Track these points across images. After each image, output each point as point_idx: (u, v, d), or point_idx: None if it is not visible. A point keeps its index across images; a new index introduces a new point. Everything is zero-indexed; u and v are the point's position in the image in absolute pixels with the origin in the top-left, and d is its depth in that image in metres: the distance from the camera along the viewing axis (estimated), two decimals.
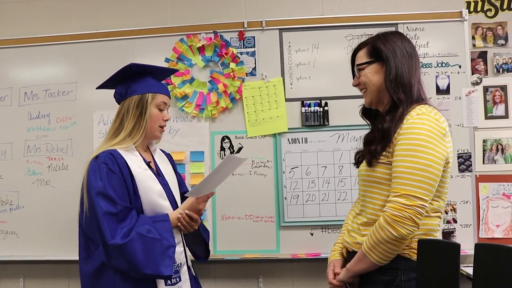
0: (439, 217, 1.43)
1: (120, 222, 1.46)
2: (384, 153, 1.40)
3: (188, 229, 1.59)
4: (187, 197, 1.62)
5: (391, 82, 1.42)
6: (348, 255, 1.52)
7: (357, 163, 1.56)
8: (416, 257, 1.34)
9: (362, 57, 1.50)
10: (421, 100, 1.45)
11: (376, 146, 1.42)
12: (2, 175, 2.63)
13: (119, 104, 1.68)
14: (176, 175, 1.77)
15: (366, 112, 1.60)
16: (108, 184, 1.48)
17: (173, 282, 1.54)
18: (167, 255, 1.47)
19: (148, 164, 1.62)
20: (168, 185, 1.66)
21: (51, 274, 2.65)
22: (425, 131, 1.33)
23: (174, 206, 1.64)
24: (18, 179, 2.60)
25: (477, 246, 1.10)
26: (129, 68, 1.63)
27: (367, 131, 1.56)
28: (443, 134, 1.37)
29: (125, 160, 1.54)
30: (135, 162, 1.57)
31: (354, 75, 1.57)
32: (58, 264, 2.61)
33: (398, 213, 1.29)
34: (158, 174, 1.67)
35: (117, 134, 1.61)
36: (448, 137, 1.40)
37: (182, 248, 1.61)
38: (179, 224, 1.57)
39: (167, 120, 1.68)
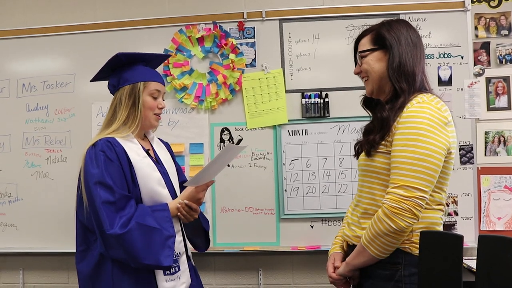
0: (442, 210, 1.39)
1: (119, 211, 1.44)
2: (383, 142, 1.37)
3: (188, 219, 1.58)
4: (186, 187, 1.61)
5: (393, 70, 1.38)
6: (349, 249, 1.49)
7: (357, 154, 1.52)
8: (417, 252, 1.31)
9: (365, 44, 1.47)
10: (424, 90, 1.41)
11: (374, 136, 1.38)
12: (0, 167, 2.62)
13: (113, 95, 1.65)
14: (174, 164, 1.75)
15: (367, 102, 1.56)
16: (105, 172, 1.46)
17: (172, 271, 1.53)
18: (167, 245, 1.45)
19: (147, 152, 1.60)
20: (167, 173, 1.65)
21: (50, 266, 2.65)
22: (425, 119, 1.29)
23: (173, 194, 1.62)
24: (16, 171, 2.59)
25: (481, 238, 1.09)
26: (117, 58, 1.60)
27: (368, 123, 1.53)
28: (445, 123, 1.32)
29: (123, 148, 1.52)
30: (133, 149, 1.55)
31: (356, 63, 1.53)
32: (58, 256, 2.61)
33: (396, 205, 1.26)
34: (157, 162, 1.65)
35: (110, 124, 1.58)
36: (450, 127, 1.36)
37: (181, 238, 1.59)
38: (178, 214, 1.55)
39: (162, 108, 1.65)
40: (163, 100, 1.67)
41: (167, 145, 1.80)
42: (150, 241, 1.43)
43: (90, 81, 1.73)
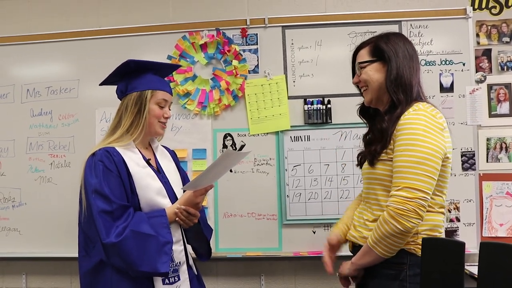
0: (443, 213, 1.45)
1: (116, 220, 1.44)
2: (384, 151, 1.43)
3: (188, 224, 1.57)
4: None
5: (391, 82, 1.45)
6: (354, 250, 1.54)
7: (360, 164, 1.59)
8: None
9: (364, 55, 1.53)
10: (420, 99, 1.48)
11: (376, 146, 1.45)
12: (4, 172, 2.63)
13: (121, 100, 1.66)
14: (179, 172, 1.75)
15: (363, 111, 1.63)
16: (104, 182, 1.46)
17: (171, 281, 1.52)
18: (163, 252, 1.44)
19: (147, 161, 1.60)
20: (169, 182, 1.64)
21: (53, 271, 2.66)
22: (421, 125, 1.36)
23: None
24: (20, 176, 2.61)
25: (482, 245, 1.09)
26: (127, 65, 1.61)
27: None
28: (440, 129, 1.39)
29: (122, 158, 1.52)
30: (133, 159, 1.55)
31: (354, 74, 1.60)
32: (61, 261, 2.62)
33: (401, 206, 1.31)
34: (159, 171, 1.64)
35: (114, 131, 1.59)
36: (446, 132, 1.42)
37: (182, 247, 1.59)
38: (177, 219, 1.55)
39: (167, 117, 1.65)
40: (170, 109, 1.68)
41: (172, 154, 1.80)
42: (145, 248, 1.42)
43: (99, 84, 1.73)
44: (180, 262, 1.56)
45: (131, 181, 1.52)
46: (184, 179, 1.76)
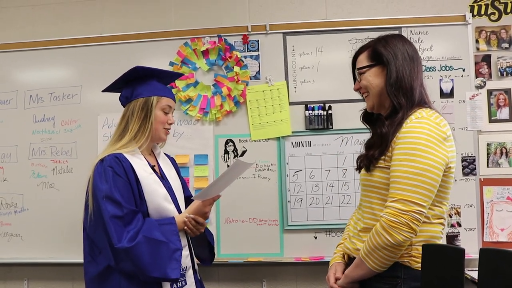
0: (442, 224, 1.40)
1: (127, 225, 1.46)
2: (382, 157, 1.38)
3: (195, 232, 1.60)
4: (192, 201, 1.63)
5: (391, 86, 1.39)
6: (349, 261, 1.49)
7: (359, 168, 1.52)
8: (416, 266, 1.32)
9: (362, 60, 1.48)
10: (423, 103, 1.42)
11: (374, 151, 1.40)
12: (7, 177, 2.64)
13: (124, 107, 1.68)
14: (179, 179, 1.78)
15: (367, 117, 1.58)
16: (114, 187, 1.48)
17: (178, 285, 1.55)
18: (174, 258, 1.47)
19: (152, 168, 1.63)
20: (172, 189, 1.67)
21: (55, 277, 2.66)
22: (424, 135, 1.30)
23: (178, 210, 1.64)
24: (22, 182, 2.62)
25: (482, 251, 1.10)
26: (134, 71, 1.64)
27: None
28: (444, 138, 1.33)
29: (130, 164, 1.55)
30: (140, 166, 1.58)
31: (355, 80, 1.55)
32: (62, 267, 2.62)
33: (394, 218, 1.26)
34: (163, 177, 1.67)
35: (122, 137, 1.61)
36: (449, 142, 1.36)
37: (188, 252, 1.61)
38: (185, 227, 1.58)
39: (171, 123, 1.69)
40: (172, 116, 1.71)
41: (172, 161, 1.83)
42: (157, 254, 1.45)
43: (102, 91, 1.75)
44: (186, 267, 1.59)
45: (140, 187, 1.54)
46: (184, 186, 1.79)
